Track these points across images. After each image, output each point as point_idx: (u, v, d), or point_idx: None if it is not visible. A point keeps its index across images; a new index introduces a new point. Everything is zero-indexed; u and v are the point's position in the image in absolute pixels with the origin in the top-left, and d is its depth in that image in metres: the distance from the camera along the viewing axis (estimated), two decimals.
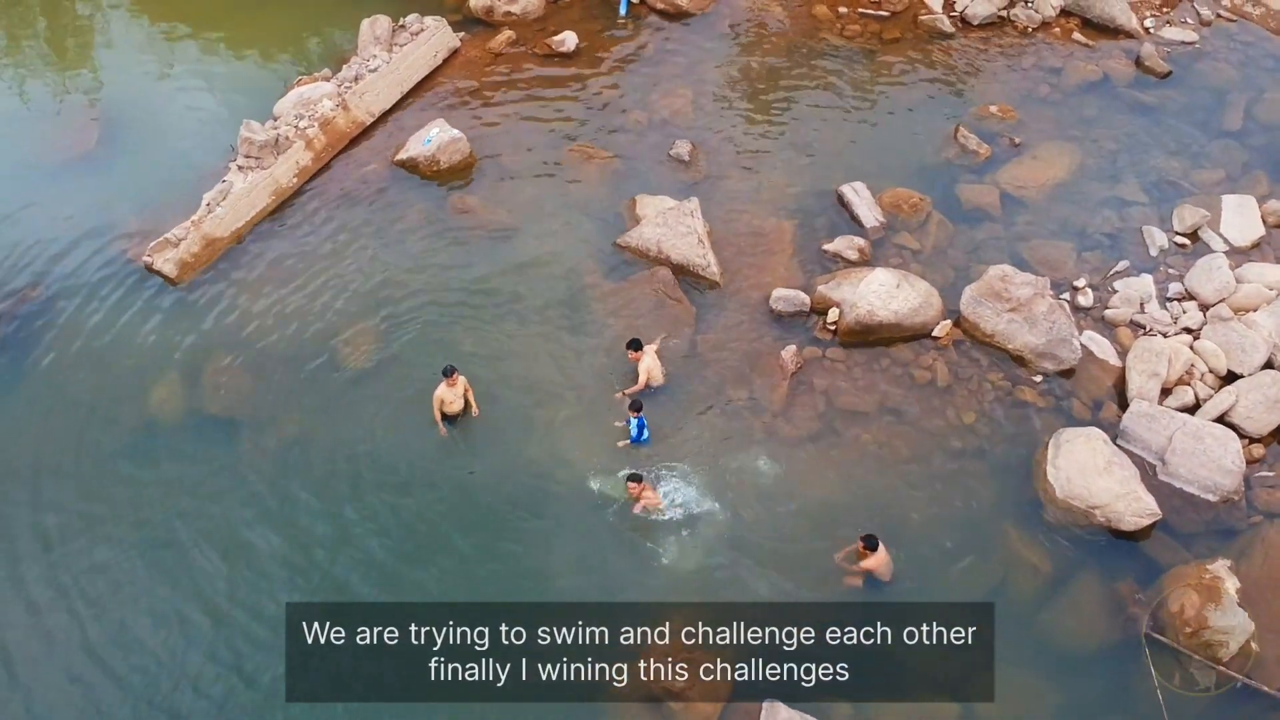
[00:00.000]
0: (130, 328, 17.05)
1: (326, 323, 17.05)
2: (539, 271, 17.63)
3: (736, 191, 18.96)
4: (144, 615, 13.94)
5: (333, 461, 15.35)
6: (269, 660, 13.33)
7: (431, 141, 19.11)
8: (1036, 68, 21.56)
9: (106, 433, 15.79)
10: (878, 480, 15.15)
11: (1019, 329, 16.17)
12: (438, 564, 14.39)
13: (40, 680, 13.39)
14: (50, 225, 18.35)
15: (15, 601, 14.07)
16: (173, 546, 14.58)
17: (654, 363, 15.65)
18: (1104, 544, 14.45)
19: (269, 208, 18.62)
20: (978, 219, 18.48)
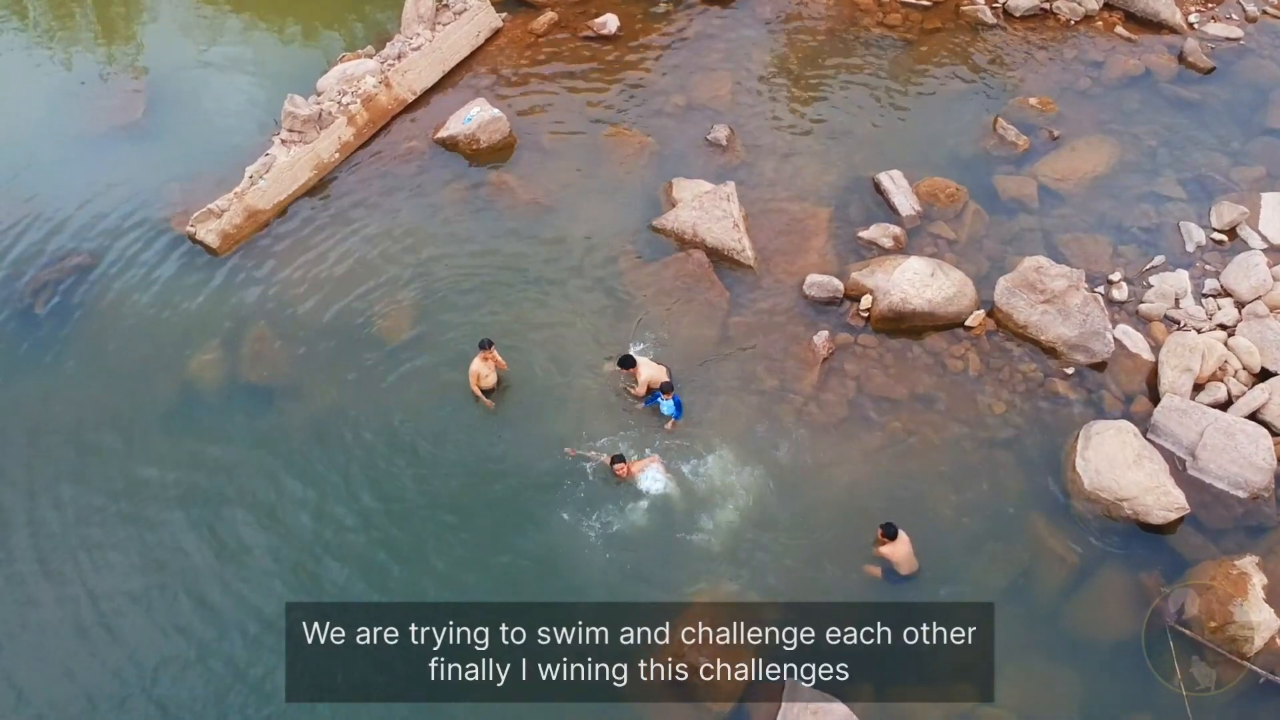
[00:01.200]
0: (172, 296, 17.36)
1: (364, 296, 17.30)
2: (575, 251, 17.80)
3: (773, 177, 19.04)
4: (170, 579, 14.29)
5: (365, 433, 15.58)
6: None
7: (472, 120, 19.29)
8: (1078, 61, 21.46)
9: (146, 397, 16.11)
10: (906, 467, 15.22)
11: (1052, 321, 16.19)
12: (462, 539, 14.61)
13: (56, 639, 13.81)
14: (96, 194, 18.71)
15: (49, 559, 14.48)
16: (205, 509, 14.91)
17: (653, 370, 15.67)
18: (1131, 537, 14.47)
19: (310, 182, 18.88)
20: (1014, 210, 18.47)
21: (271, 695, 13.20)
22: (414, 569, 14.34)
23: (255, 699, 13.26)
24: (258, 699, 13.25)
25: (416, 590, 14.10)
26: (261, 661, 13.50)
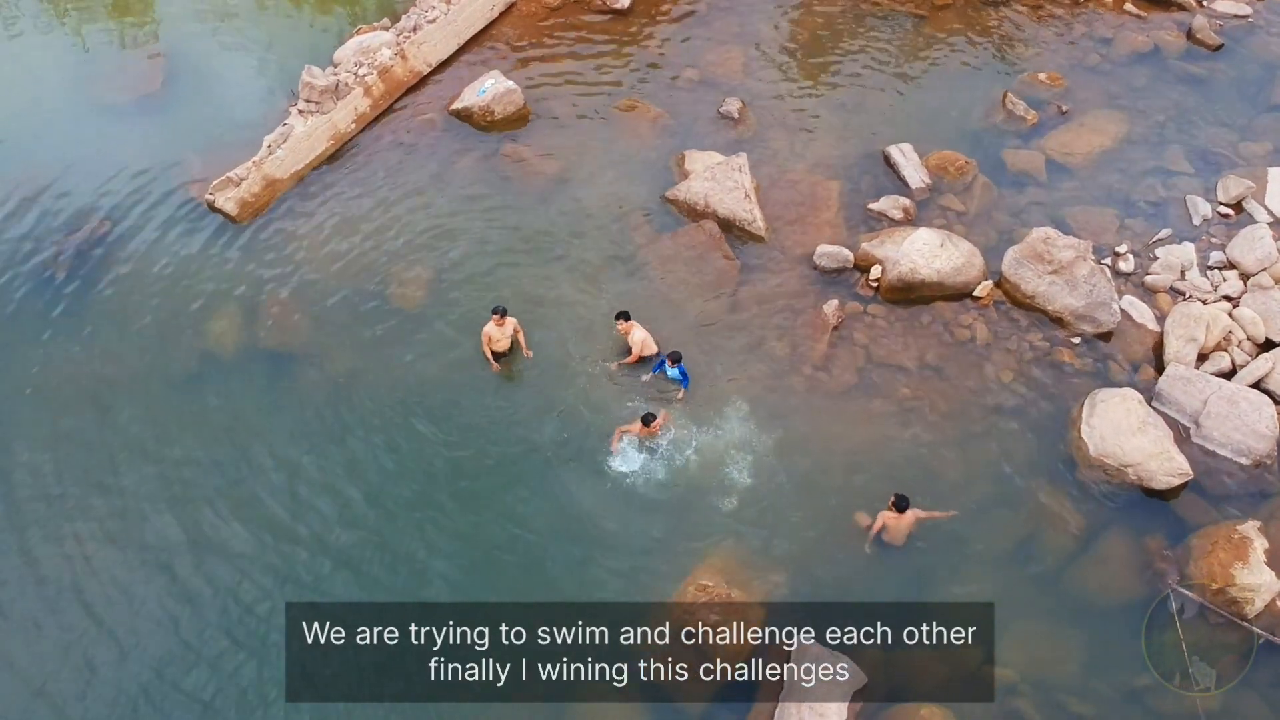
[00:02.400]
0: (190, 263, 17.61)
1: (380, 264, 17.54)
2: (588, 221, 18.04)
3: (784, 150, 19.25)
4: (180, 545, 14.53)
5: (380, 399, 15.83)
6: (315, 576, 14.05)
7: (486, 92, 19.50)
8: (1087, 37, 21.62)
9: (164, 362, 16.37)
10: (914, 433, 15.46)
11: (1059, 291, 16.40)
12: (471, 506, 14.86)
13: (77, 595, 14.09)
14: (117, 163, 18.93)
15: (69, 523, 14.76)
16: (218, 473, 15.18)
17: (645, 335, 15.91)
18: (1135, 502, 14.71)
19: (328, 152, 19.11)
20: (1023, 183, 18.68)
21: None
22: (426, 531, 14.63)
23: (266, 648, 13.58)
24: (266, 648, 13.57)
25: (429, 550, 14.43)
26: (271, 624, 13.81)
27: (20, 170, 18.83)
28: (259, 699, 13.33)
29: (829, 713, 12.45)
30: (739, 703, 13.04)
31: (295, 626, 12.90)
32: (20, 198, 18.36)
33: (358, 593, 14.02)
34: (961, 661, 13.36)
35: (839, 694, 12.61)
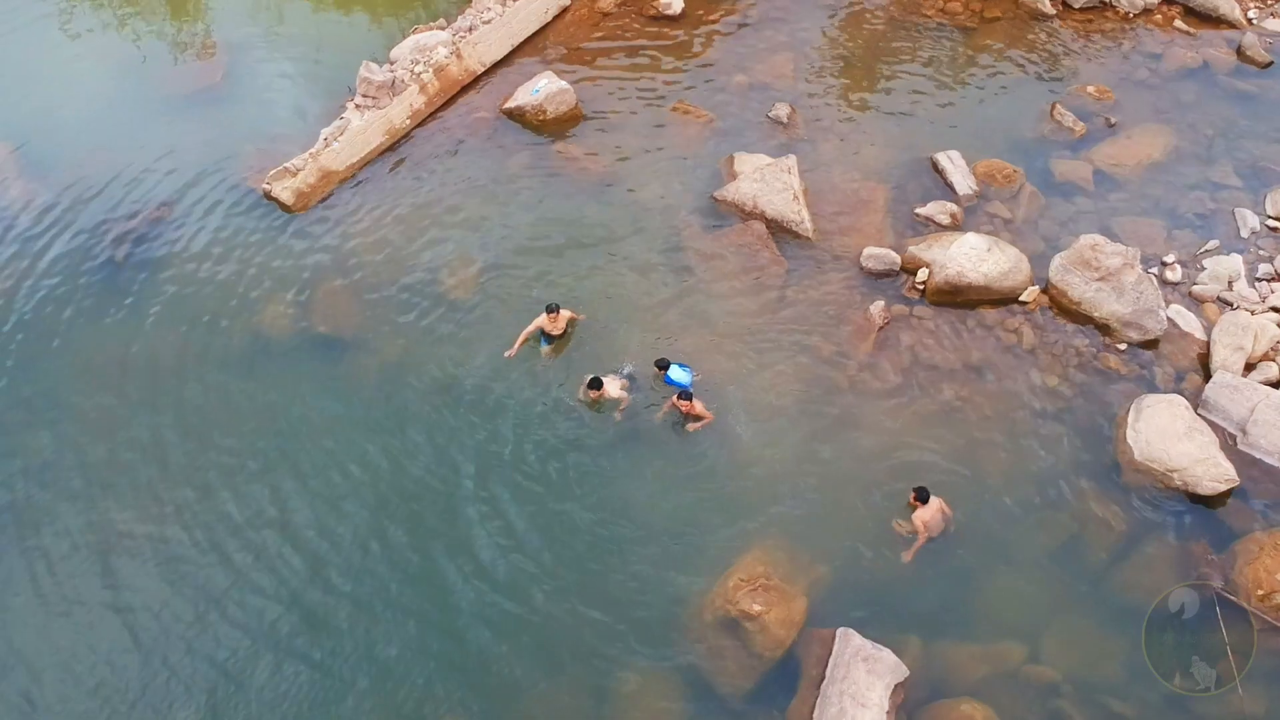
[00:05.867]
0: (247, 250, 17.96)
1: (430, 257, 17.83)
2: (637, 219, 18.26)
3: (832, 154, 19.43)
4: (232, 527, 14.76)
5: (429, 387, 16.07)
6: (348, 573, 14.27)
7: (539, 91, 19.80)
8: (1136, 52, 21.72)
9: (219, 346, 16.69)
10: (957, 434, 15.53)
11: (1106, 298, 16.46)
12: (519, 493, 15.03)
13: (141, 581, 14.34)
14: (178, 152, 19.39)
15: (124, 492, 15.07)
16: (271, 455, 15.45)
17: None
18: (1179, 507, 14.72)
19: (382, 146, 19.46)
20: (1070, 193, 18.77)
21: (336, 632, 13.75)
22: (475, 520, 14.79)
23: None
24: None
25: (478, 535, 14.61)
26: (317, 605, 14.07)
27: (84, 158, 19.32)
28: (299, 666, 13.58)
29: (870, 703, 12.49)
30: (780, 691, 13.10)
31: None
32: (85, 185, 18.83)
33: (403, 574, 14.26)
34: (1003, 659, 13.44)
35: (880, 685, 12.66)
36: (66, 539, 14.55)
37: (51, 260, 17.70)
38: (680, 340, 16.45)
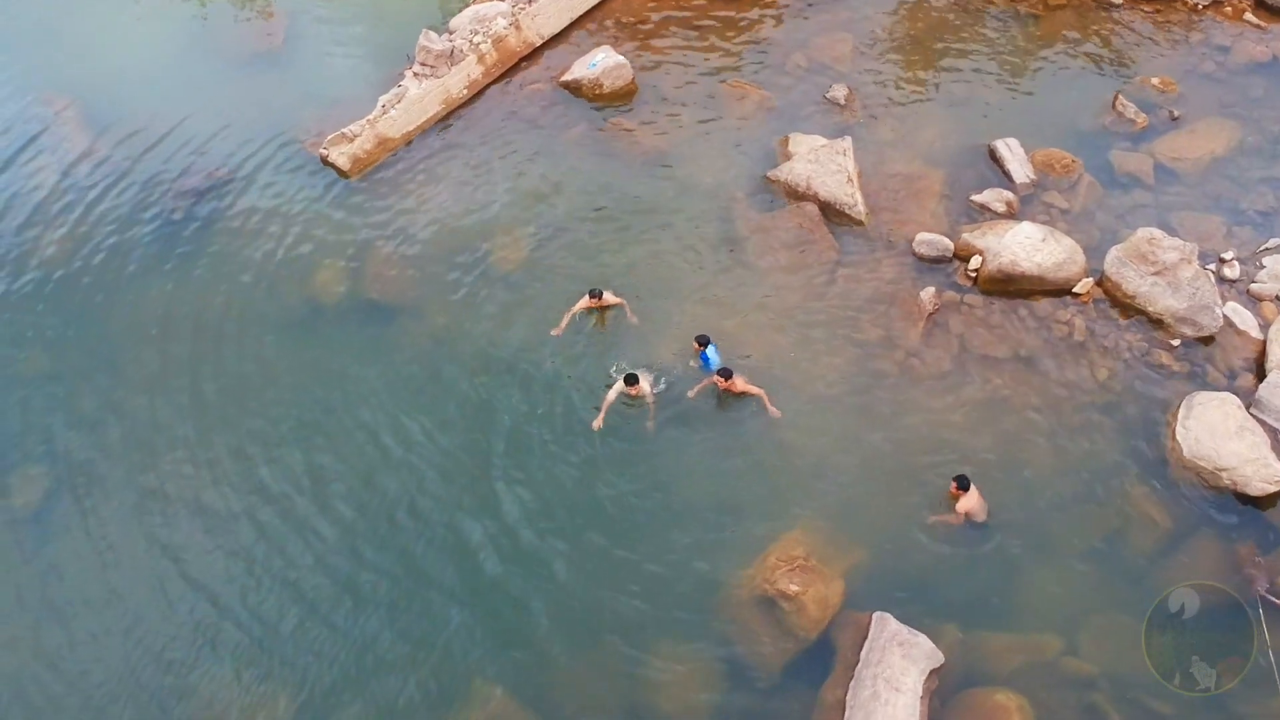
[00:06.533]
0: (301, 212, 18.21)
1: (481, 226, 17.95)
2: (689, 196, 18.26)
3: (888, 138, 19.29)
4: (273, 488, 15.00)
5: (476, 357, 16.21)
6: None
7: (596, 65, 19.81)
8: (1203, 45, 21.32)
9: (272, 304, 17.01)
10: (1004, 423, 15.42)
11: (1161, 292, 16.25)
12: (558, 466, 15.12)
13: (188, 530, 14.65)
14: (237, 113, 19.69)
15: (160, 449, 15.36)
16: (316, 415, 15.70)
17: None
18: (1227, 506, 14.52)
19: (439, 115, 19.59)
20: (1129, 185, 18.51)
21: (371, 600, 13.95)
22: (513, 488, 14.89)
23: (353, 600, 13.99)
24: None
25: (511, 505, 14.69)
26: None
27: (145, 115, 19.68)
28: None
29: (904, 687, 12.49)
30: (814, 672, 13.11)
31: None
32: (144, 141, 19.19)
33: (433, 544, 14.40)
34: (1040, 651, 13.37)
35: (915, 670, 12.65)
36: (106, 490, 14.90)
37: (109, 214, 18.09)
38: (727, 319, 16.44)
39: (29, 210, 18.23)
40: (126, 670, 13.31)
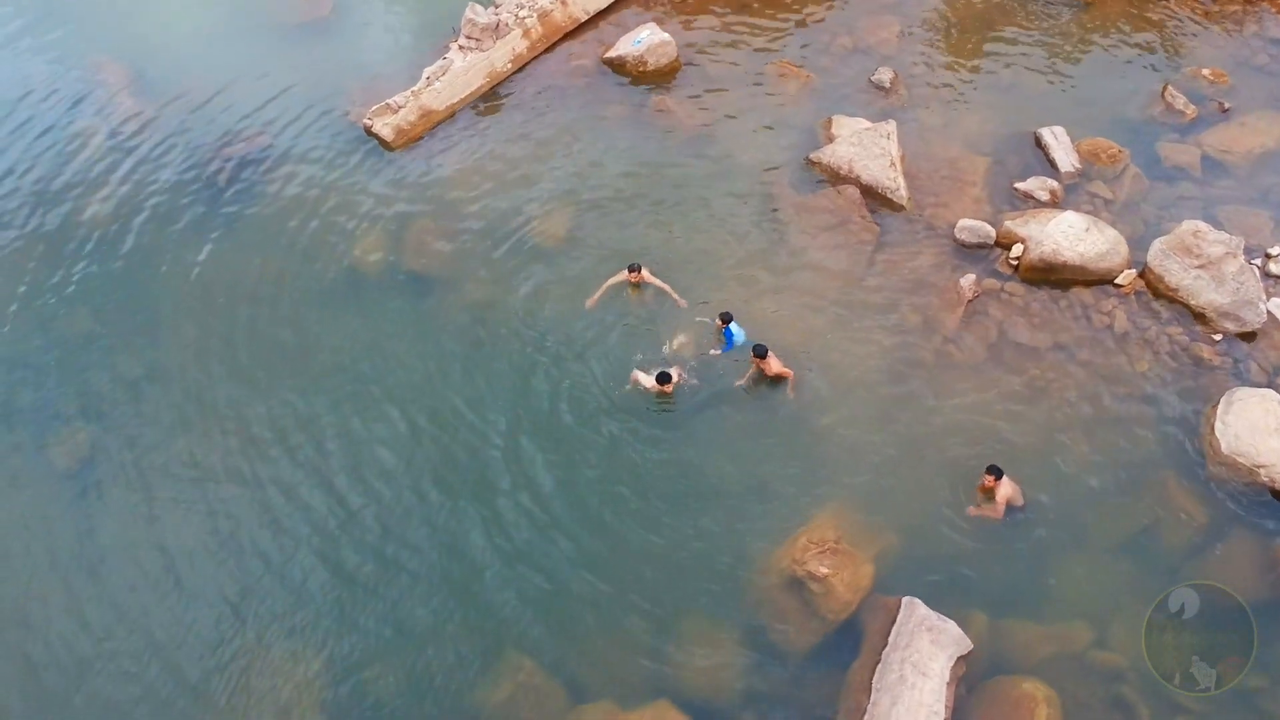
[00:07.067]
0: (344, 181, 18.34)
1: (522, 201, 18.00)
2: (730, 175, 18.24)
3: (933, 123, 19.17)
4: (310, 451, 15.15)
5: (511, 328, 16.29)
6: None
7: (641, 43, 19.78)
8: (1257, 36, 21.02)
9: (313, 272, 17.13)
10: (1041, 413, 15.33)
11: (1205, 286, 16.09)
12: (589, 443, 15.18)
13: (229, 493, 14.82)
14: (282, 81, 19.86)
15: (192, 416, 15.53)
16: (353, 381, 15.83)
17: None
18: (1264, 504, 14.38)
19: (483, 88, 19.65)
20: (1175, 178, 18.31)
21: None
22: (539, 464, 14.96)
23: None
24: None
25: (546, 485, 14.76)
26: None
27: (192, 80, 19.90)
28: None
29: (932, 673, 12.50)
30: (841, 654, 13.13)
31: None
32: (191, 106, 19.40)
33: (464, 517, 14.50)
34: (1069, 641, 13.34)
35: (943, 656, 12.64)
36: (142, 452, 15.09)
37: (154, 177, 18.30)
38: (764, 300, 16.44)
39: (76, 172, 18.46)
40: (154, 628, 13.50)
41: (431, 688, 12.95)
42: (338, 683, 13.03)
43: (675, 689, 12.87)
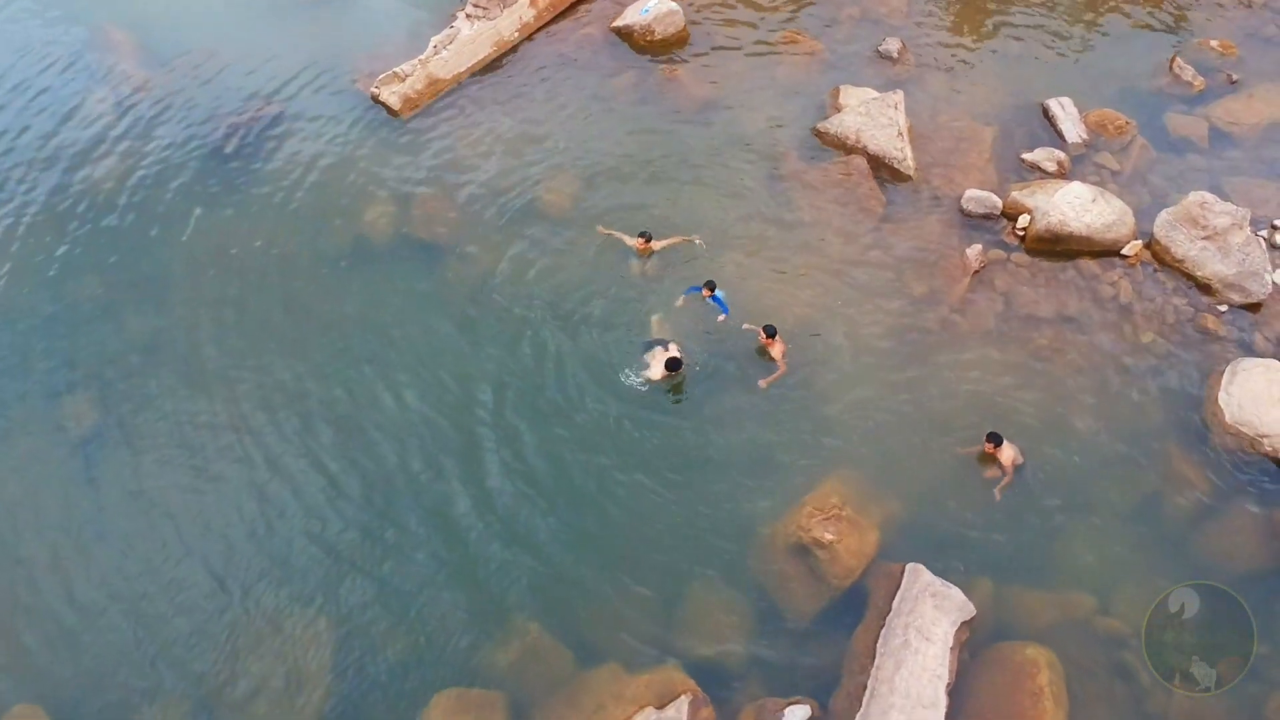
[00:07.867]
0: (351, 150, 18.33)
1: (529, 169, 18.03)
2: (737, 146, 18.27)
3: (940, 93, 19.17)
4: (317, 415, 15.19)
5: (518, 296, 16.33)
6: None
7: (649, 11, 19.76)
8: (1267, 7, 21.00)
9: (320, 239, 17.16)
10: (1046, 382, 15.42)
11: (1211, 257, 16.13)
12: (596, 406, 15.24)
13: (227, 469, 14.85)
14: (289, 49, 19.84)
15: (204, 383, 15.55)
16: (362, 347, 15.84)
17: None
18: (1267, 473, 14.48)
19: (490, 57, 19.63)
20: (1182, 149, 18.34)
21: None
22: (543, 433, 15.01)
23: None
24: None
25: (554, 452, 14.82)
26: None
27: (199, 50, 19.84)
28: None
29: (935, 637, 12.61)
30: (846, 620, 13.23)
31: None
32: (199, 76, 19.38)
33: (474, 483, 14.55)
34: (1073, 608, 13.44)
35: (947, 621, 12.76)
36: (150, 419, 15.14)
37: (162, 145, 18.30)
38: (770, 269, 16.48)
39: (85, 139, 18.45)
40: (160, 594, 13.57)
41: (442, 649, 13.06)
42: (347, 643, 13.13)
43: (682, 652, 12.98)
